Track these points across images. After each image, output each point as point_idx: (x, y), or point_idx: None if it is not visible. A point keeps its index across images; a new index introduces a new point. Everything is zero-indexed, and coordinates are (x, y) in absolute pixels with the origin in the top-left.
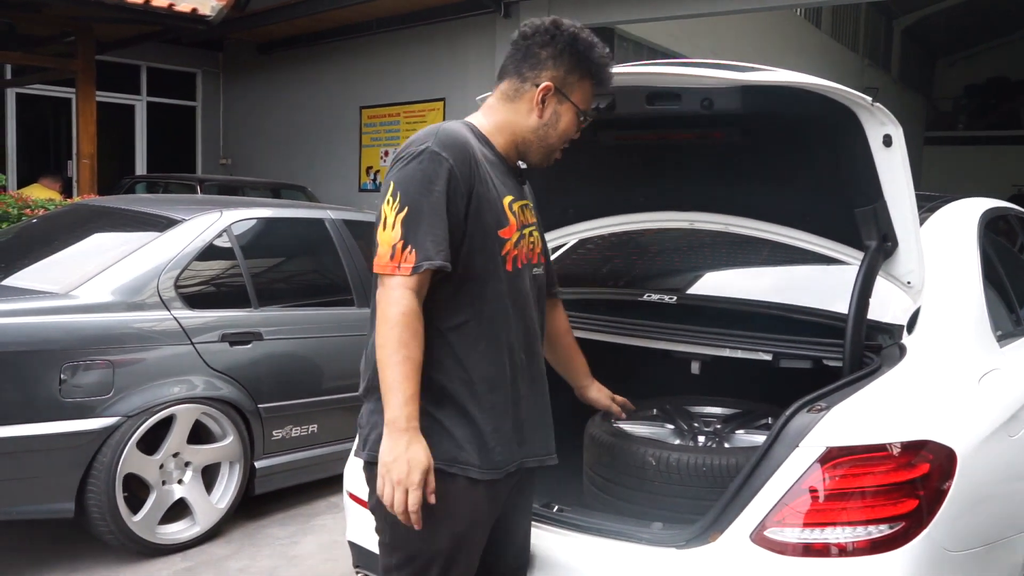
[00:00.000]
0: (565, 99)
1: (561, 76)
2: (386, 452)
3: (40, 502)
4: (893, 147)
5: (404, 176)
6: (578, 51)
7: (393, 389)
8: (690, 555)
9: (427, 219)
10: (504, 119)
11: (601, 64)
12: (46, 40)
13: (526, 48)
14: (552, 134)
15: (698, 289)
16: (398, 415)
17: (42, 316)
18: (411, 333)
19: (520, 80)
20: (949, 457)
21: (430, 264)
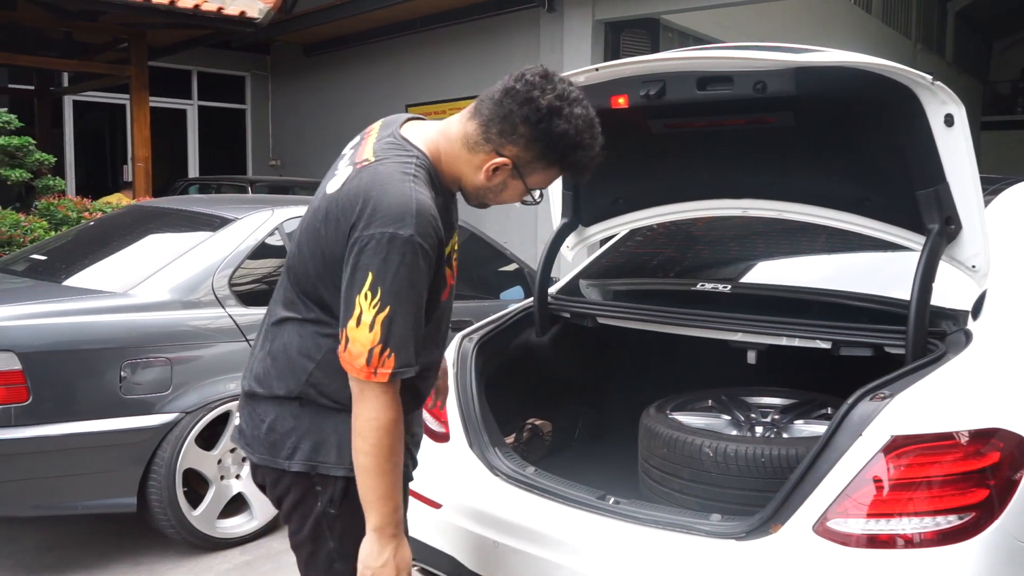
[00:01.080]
0: (519, 178)
1: (527, 159)
2: (374, 557)
3: (103, 497)
4: (955, 127)
5: (384, 269)
6: (557, 149)
7: (384, 497)
8: (751, 547)
9: (410, 321)
10: (453, 163)
11: (580, 165)
12: (101, 48)
13: (508, 111)
14: (491, 198)
15: (753, 278)
16: (388, 522)
17: (102, 315)
18: (398, 438)
19: (484, 137)
20: (1020, 445)
21: (410, 372)
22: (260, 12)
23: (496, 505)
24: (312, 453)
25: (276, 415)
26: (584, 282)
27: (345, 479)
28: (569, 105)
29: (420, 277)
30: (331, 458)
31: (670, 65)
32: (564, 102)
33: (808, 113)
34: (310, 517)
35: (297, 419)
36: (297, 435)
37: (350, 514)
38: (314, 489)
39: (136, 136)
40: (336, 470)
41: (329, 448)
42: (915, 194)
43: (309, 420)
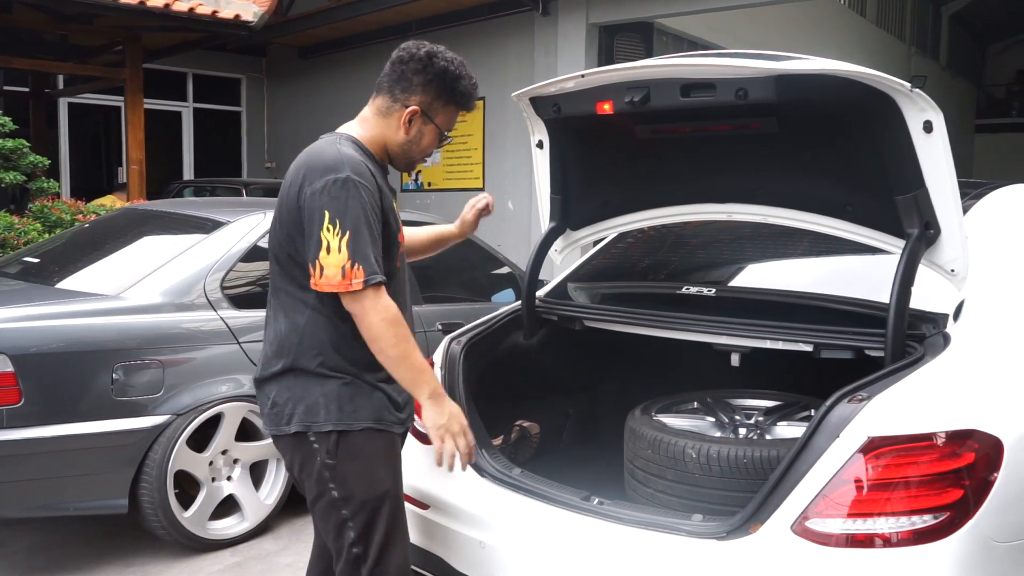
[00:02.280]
0: (429, 121)
1: (428, 101)
2: (439, 416)
3: (95, 498)
4: (934, 133)
5: (337, 205)
6: (445, 82)
7: (422, 370)
8: (731, 546)
9: (365, 240)
10: (377, 132)
11: (466, 94)
12: (96, 50)
13: (400, 72)
14: (414, 149)
15: (738, 281)
16: (435, 387)
17: (94, 318)
18: (405, 325)
19: (392, 99)
20: (996, 447)
21: (378, 278)
22: (255, 15)
23: (483, 506)
24: (305, 415)
25: (276, 390)
26: (572, 285)
27: (337, 432)
28: (440, 51)
29: (367, 206)
30: (321, 416)
31: (654, 72)
32: (436, 49)
33: (791, 119)
34: (314, 473)
35: (291, 389)
36: (292, 403)
37: (348, 460)
38: (312, 447)
39: (131, 138)
40: (326, 426)
41: (318, 409)
42: (895, 199)
43: (300, 388)
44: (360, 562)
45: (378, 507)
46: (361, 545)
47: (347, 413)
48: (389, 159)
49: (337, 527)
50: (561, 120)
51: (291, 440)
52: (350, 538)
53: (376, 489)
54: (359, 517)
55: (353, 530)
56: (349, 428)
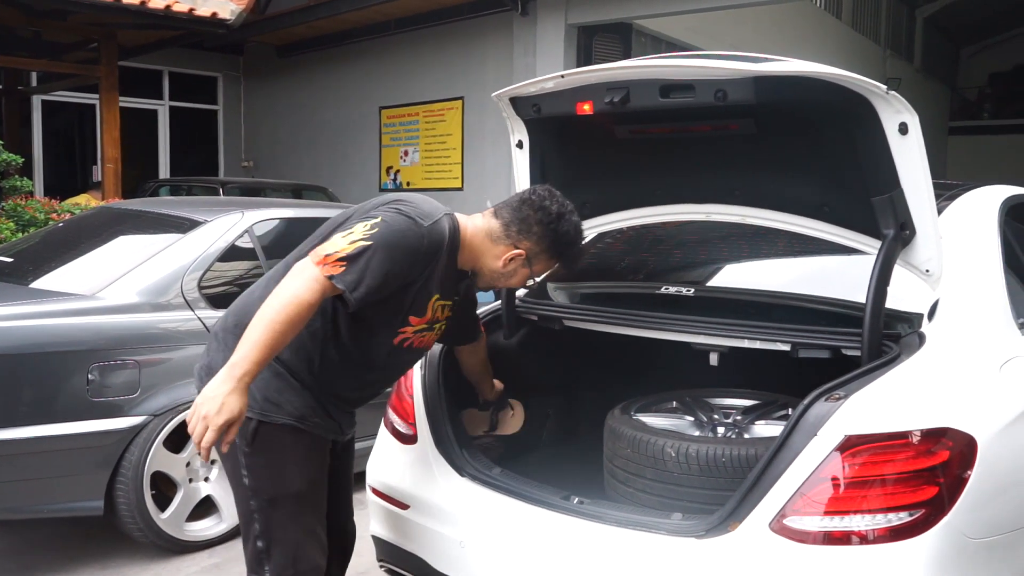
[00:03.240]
0: (527, 266)
1: (536, 251)
2: (211, 388)
3: (70, 500)
4: (909, 135)
5: (394, 224)
6: (561, 243)
7: (255, 344)
8: (709, 544)
9: (373, 265)
10: (477, 247)
11: (571, 257)
12: (70, 47)
13: (526, 214)
14: (502, 281)
15: (716, 281)
16: (241, 364)
17: (70, 318)
18: (300, 318)
19: (506, 233)
20: (969, 445)
21: (343, 287)
22: (232, 13)
23: (462, 505)
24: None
25: (214, 349)
26: (552, 285)
27: (257, 422)
28: (570, 213)
29: (404, 255)
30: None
31: (633, 73)
32: (567, 211)
33: (769, 121)
34: (230, 455)
35: (225, 355)
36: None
37: (262, 452)
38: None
39: (106, 137)
40: (248, 412)
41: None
42: (871, 200)
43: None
44: (263, 557)
45: (285, 505)
46: (264, 540)
47: (272, 404)
48: (473, 272)
49: (246, 516)
50: (541, 120)
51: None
52: (256, 530)
53: (286, 487)
54: (266, 511)
55: (259, 523)
56: (269, 420)
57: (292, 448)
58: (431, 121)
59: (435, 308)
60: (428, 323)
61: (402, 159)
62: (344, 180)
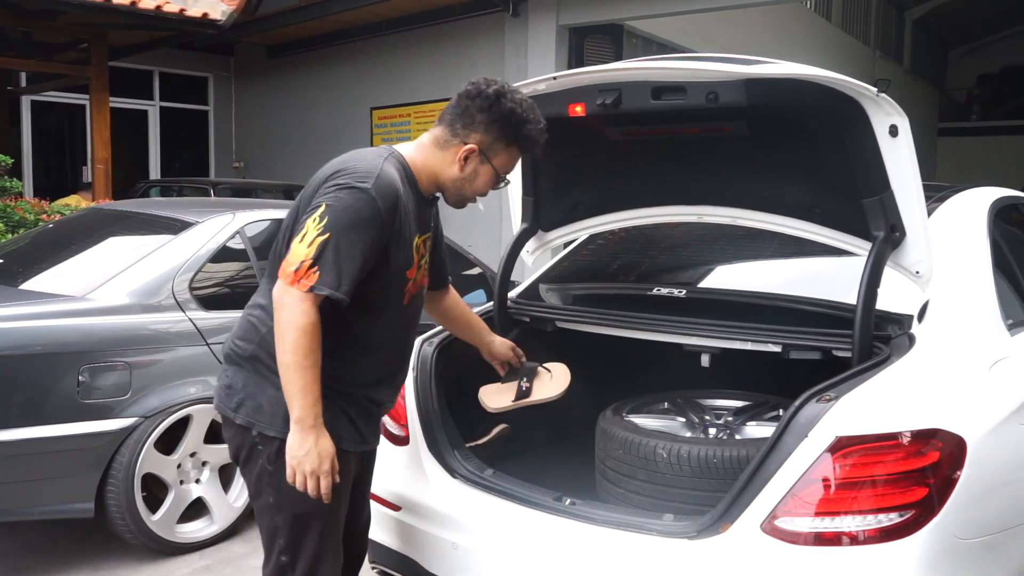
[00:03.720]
0: (487, 161)
1: (488, 141)
2: (297, 447)
3: (61, 502)
4: (899, 137)
5: (339, 204)
6: (510, 124)
7: (303, 392)
8: (701, 546)
9: (343, 253)
10: (430, 163)
11: (530, 138)
12: (60, 47)
13: (465, 107)
14: (467, 188)
15: (708, 283)
16: (307, 415)
17: (60, 319)
18: (317, 343)
19: (451, 133)
20: (959, 445)
21: (328, 293)
22: (223, 14)
23: (455, 507)
24: (254, 412)
25: (234, 372)
26: (544, 286)
27: (280, 440)
28: (510, 91)
29: (366, 227)
30: (267, 420)
31: (625, 75)
32: (507, 90)
33: (760, 123)
34: (254, 472)
35: (247, 380)
36: (245, 393)
37: (285, 470)
38: (256, 447)
39: (96, 137)
40: (270, 431)
41: (266, 413)
42: (861, 202)
43: (255, 384)
44: (286, 571)
45: (310, 522)
46: (289, 555)
47: None
48: (440, 192)
49: (269, 531)
50: None
51: (237, 429)
52: (280, 545)
53: (311, 505)
54: (291, 528)
55: (283, 538)
56: None
57: None
58: (423, 122)
59: (418, 248)
60: (418, 264)
61: None
62: None
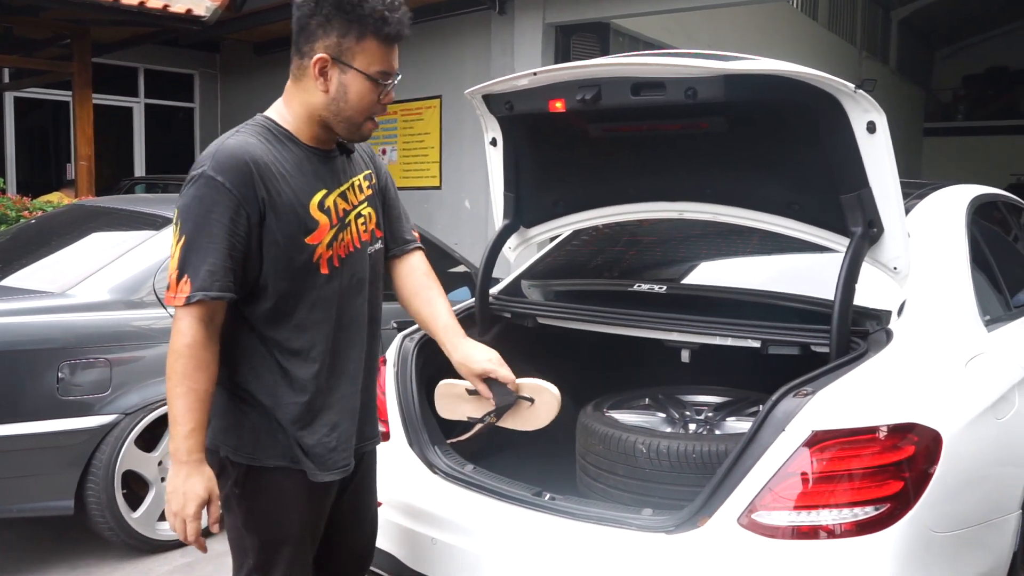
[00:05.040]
0: (347, 67)
1: (335, 43)
2: (174, 480)
3: (40, 500)
4: (877, 134)
5: (183, 204)
6: (344, 11)
7: (177, 421)
8: (679, 540)
9: (203, 248)
10: (299, 102)
11: (375, 16)
12: (43, 43)
13: (298, 21)
14: (345, 107)
15: (688, 279)
16: (179, 447)
17: (39, 315)
18: (195, 364)
19: (299, 57)
20: (935, 440)
21: (204, 295)
22: (207, 10)
23: (435, 503)
24: (220, 433)
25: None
26: (526, 282)
27: (246, 467)
28: None
29: (216, 211)
30: (233, 443)
31: (605, 71)
32: None
33: (739, 119)
34: (224, 491)
35: (218, 400)
36: (214, 412)
37: (255, 495)
38: (225, 468)
39: (79, 134)
40: (236, 456)
41: (231, 435)
42: (840, 198)
43: (222, 403)
44: None
45: (278, 549)
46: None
47: (262, 447)
48: (330, 131)
49: (239, 551)
50: (514, 118)
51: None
52: (250, 564)
53: (280, 532)
54: (259, 552)
55: (252, 559)
56: (258, 463)
57: (285, 491)
58: (409, 120)
59: (329, 207)
60: (339, 222)
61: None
62: None
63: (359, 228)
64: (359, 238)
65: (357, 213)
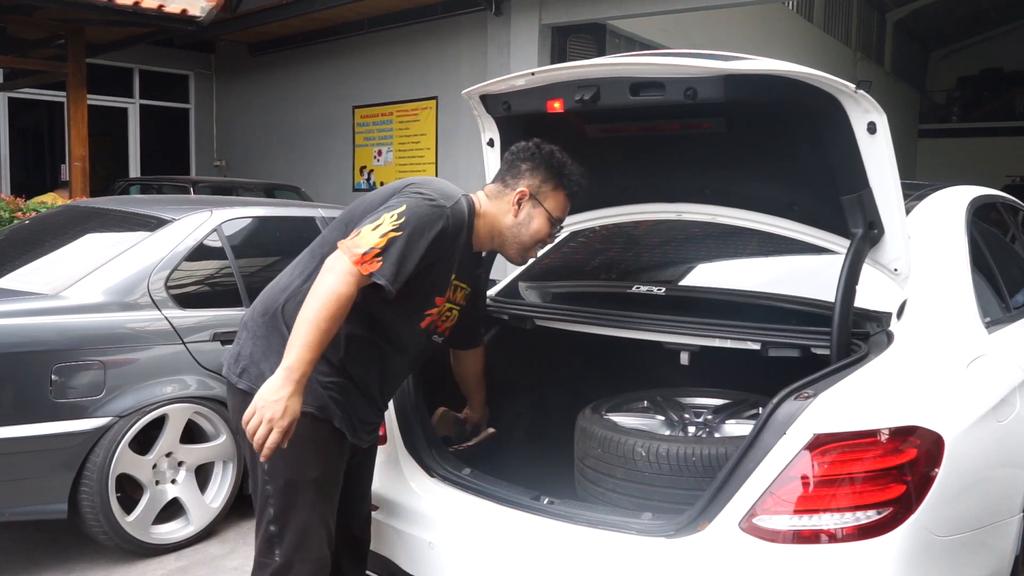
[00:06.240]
0: (539, 204)
1: (536, 185)
2: (270, 391)
3: (33, 503)
4: (878, 134)
5: (418, 209)
6: (552, 166)
7: (305, 345)
8: (679, 544)
9: (409, 252)
10: (491, 213)
11: (573, 178)
12: (37, 43)
13: (511, 161)
14: (524, 233)
15: (687, 280)
16: (297, 367)
17: (33, 317)
18: (342, 313)
19: (503, 185)
20: (937, 443)
21: (384, 282)
22: (202, 10)
23: (432, 506)
24: (256, 379)
25: (246, 337)
26: (523, 284)
27: None
28: (544, 143)
29: (432, 235)
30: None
31: (604, 71)
32: (540, 142)
33: (739, 119)
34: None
35: (254, 347)
36: (250, 360)
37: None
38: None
39: (73, 135)
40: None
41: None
42: (840, 199)
43: (261, 352)
44: (275, 541)
45: (300, 491)
46: (278, 524)
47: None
48: (499, 247)
49: (261, 499)
50: (511, 118)
51: (239, 394)
52: (269, 514)
53: (302, 473)
54: (281, 496)
55: (273, 507)
56: None
57: (311, 436)
58: (405, 121)
59: (454, 288)
60: (447, 303)
61: (376, 159)
62: (318, 180)
63: (445, 318)
64: (439, 323)
65: (451, 309)
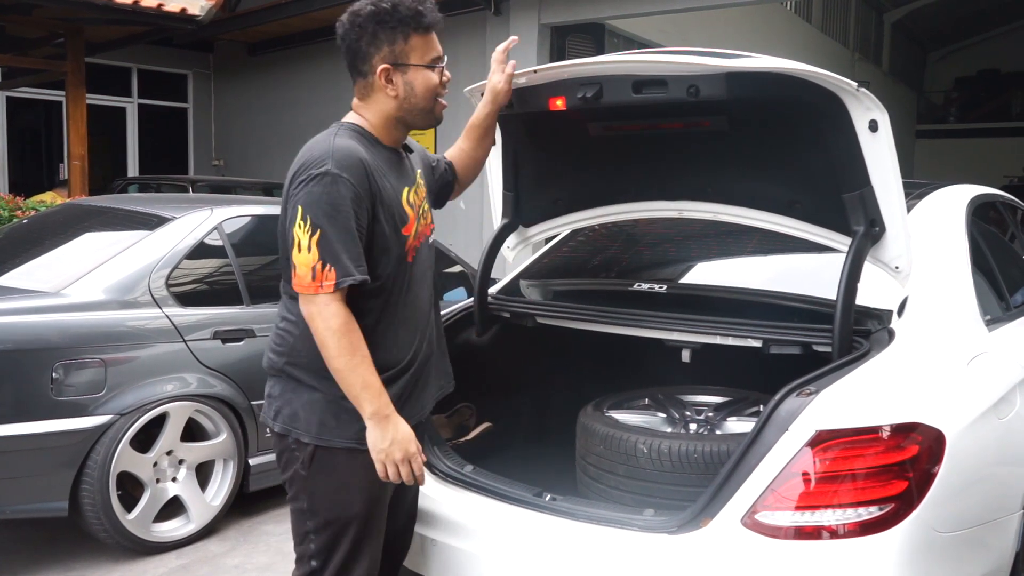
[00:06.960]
0: (405, 66)
1: (388, 52)
2: (380, 440)
3: (34, 501)
4: (879, 132)
5: (310, 199)
6: (384, 22)
7: (366, 387)
8: (682, 540)
9: (340, 238)
10: (372, 112)
11: (412, 14)
12: (36, 42)
13: (348, 47)
14: (416, 100)
15: (688, 278)
16: (378, 407)
17: (33, 315)
18: (357, 336)
19: (361, 76)
20: (938, 439)
21: (352, 280)
22: (201, 9)
23: (434, 503)
24: (289, 420)
25: (273, 383)
26: (525, 282)
27: (313, 446)
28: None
29: (343, 202)
30: (302, 426)
31: (606, 68)
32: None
33: (741, 117)
34: (289, 477)
35: (283, 388)
36: (282, 401)
37: (321, 475)
38: (292, 452)
39: (72, 134)
40: (305, 437)
41: (300, 419)
42: (842, 197)
43: (291, 392)
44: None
45: (343, 529)
46: (320, 560)
47: (328, 429)
48: (408, 127)
49: (301, 535)
50: (513, 116)
51: (276, 437)
52: (311, 550)
53: (344, 511)
54: (323, 533)
55: (315, 543)
56: (328, 445)
57: (351, 471)
58: None
59: (411, 201)
60: (417, 217)
61: None
62: None
63: (424, 222)
64: (426, 231)
65: (423, 209)
